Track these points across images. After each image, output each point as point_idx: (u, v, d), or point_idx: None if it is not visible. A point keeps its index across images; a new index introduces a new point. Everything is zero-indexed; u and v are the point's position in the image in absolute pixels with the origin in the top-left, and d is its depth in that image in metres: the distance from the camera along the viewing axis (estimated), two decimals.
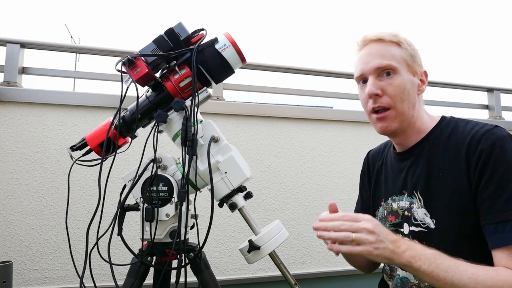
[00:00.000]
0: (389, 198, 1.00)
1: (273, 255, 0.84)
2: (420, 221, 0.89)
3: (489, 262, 0.77)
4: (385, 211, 1.00)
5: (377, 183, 1.07)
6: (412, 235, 0.90)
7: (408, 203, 0.92)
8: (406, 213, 0.93)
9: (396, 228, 0.96)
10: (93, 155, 0.91)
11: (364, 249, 0.73)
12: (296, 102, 3.05)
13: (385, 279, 1.05)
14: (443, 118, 0.95)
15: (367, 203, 1.11)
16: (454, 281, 0.72)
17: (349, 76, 2.27)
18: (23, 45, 1.83)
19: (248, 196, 0.88)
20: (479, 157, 0.79)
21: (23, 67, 1.84)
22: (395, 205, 0.97)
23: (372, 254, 0.73)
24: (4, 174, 1.62)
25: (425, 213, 0.88)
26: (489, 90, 2.69)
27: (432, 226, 0.86)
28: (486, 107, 2.71)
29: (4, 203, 1.61)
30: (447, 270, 0.72)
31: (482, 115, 2.70)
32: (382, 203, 1.02)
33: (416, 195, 0.91)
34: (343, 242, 0.74)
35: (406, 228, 0.93)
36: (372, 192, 1.08)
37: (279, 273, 0.84)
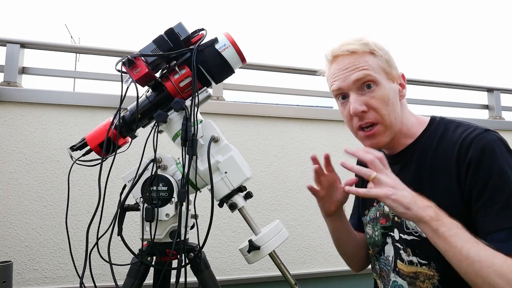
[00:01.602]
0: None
1: (273, 255, 0.84)
2: (412, 229, 0.86)
3: None
4: (378, 213, 0.99)
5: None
6: (405, 244, 0.88)
7: None
8: (396, 218, 0.92)
9: (386, 231, 0.95)
10: (93, 155, 0.91)
11: (381, 191, 0.74)
12: (296, 102, 3.05)
13: (375, 277, 1.04)
14: (432, 120, 0.91)
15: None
16: (470, 253, 0.68)
17: None
18: (23, 45, 1.83)
19: (248, 196, 0.88)
20: (469, 165, 0.77)
21: (23, 67, 1.84)
22: (387, 208, 0.95)
23: (390, 197, 0.73)
24: (4, 174, 1.62)
25: None
26: (489, 90, 2.69)
27: (424, 235, 0.83)
28: (486, 107, 2.71)
29: (4, 203, 1.61)
30: (466, 240, 0.69)
31: (482, 115, 2.70)
32: (375, 203, 1.01)
33: None
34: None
35: (396, 234, 0.91)
36: None
37: (279, 273, 0.84)
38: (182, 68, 0.86)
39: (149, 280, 0.90)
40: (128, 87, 0.84)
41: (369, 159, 0.78)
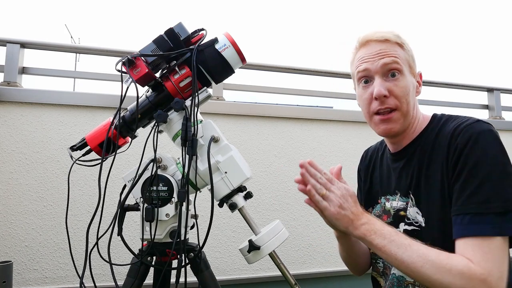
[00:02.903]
0: (383, 197, 1.01)
1: (273, 255, 0.84)
2: (413, 219, 0.90)
3: None
4: (381, 209, 1.02)
5: (373, 180, 1.08)
6: (407, 234, 0.89)
7: (404, 203, 0.93)
8: (401, 213, 0.94)
9: None
10: (93, 155, 0.91)
11: (328, 205, 0.82)
12: (296, 102, 3.05)
13: (375, 276, 1.05)
14: (433, 116, 0.95)
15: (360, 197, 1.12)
16: (404, 258, 0.76)
17: (349, 76, 2.27)
18: (23, 45, 1.83)
19: (248, 196, 0.88)
20: (455, 152, 0.81)
21: (23, 67, 1.84)
22: (388, 205, 0.99)
23: (334, 216, 0.82)
24: (4, 174, 1.62)
25: (417, 212, 0.89)
26: (489, 90, 2.69)
27: (423, 224, 0.87)
28: (486, 107, 2.71)
29: (4, 203, 1.61)
30: (399, 247, 0.77)
31: (482, 115, 2.70)
32: (379, 201, 1.03)
33: (410, 194, 0.92)
34: (314, 196, 0.84)
35: (401, 227, 0.93)
36: (368, 189, 1.09)
37: (279, 273, 0.84)
38: (182, 68, 0.86)
39: (149, 280, 0.90)
40: (128, 87, 0.84)
41: (318, 176, 0.86)
